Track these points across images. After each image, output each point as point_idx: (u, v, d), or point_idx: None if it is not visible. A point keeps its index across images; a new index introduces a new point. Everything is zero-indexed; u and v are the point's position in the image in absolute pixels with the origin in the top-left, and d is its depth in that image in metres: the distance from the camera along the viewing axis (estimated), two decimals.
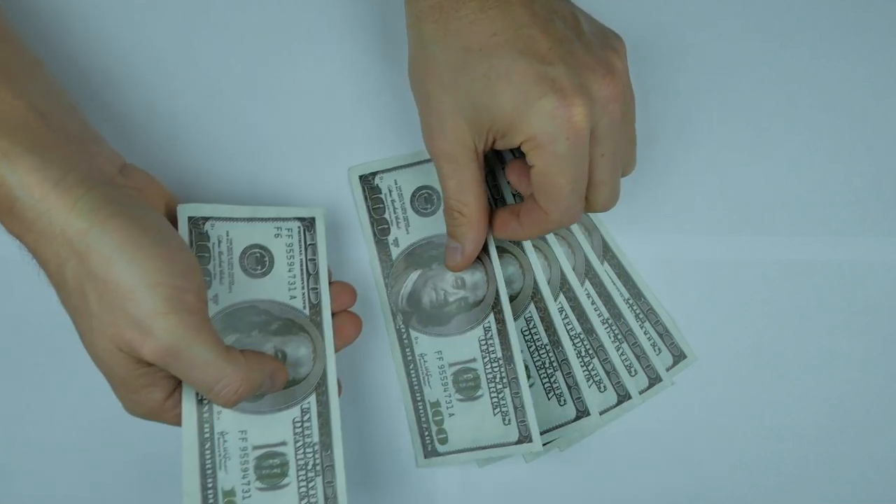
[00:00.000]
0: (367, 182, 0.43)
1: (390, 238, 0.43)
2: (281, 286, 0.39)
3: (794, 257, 0.45)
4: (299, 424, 0.37)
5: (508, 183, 0.42)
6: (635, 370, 0.44)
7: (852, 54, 0.46)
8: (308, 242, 0.40)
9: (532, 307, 0.43)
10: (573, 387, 0.43)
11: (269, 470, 0.37)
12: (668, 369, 0.44)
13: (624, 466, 0.44)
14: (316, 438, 0.37)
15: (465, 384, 0.41)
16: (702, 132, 0.45)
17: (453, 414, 0.41)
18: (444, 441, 0.41)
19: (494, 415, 0.41)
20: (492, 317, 0.41)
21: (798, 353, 0.45)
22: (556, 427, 0.43)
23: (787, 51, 0.46)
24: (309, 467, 0.37)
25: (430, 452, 0.41)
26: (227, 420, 0.36)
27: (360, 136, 0.44)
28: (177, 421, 0.36)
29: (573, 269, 0.44)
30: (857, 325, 0.45)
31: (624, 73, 0.35)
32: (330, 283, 0.39)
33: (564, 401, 0.43)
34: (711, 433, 0.44)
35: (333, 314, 0.39)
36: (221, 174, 0.43)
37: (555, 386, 0.43)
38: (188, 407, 0.36)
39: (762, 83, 0.45)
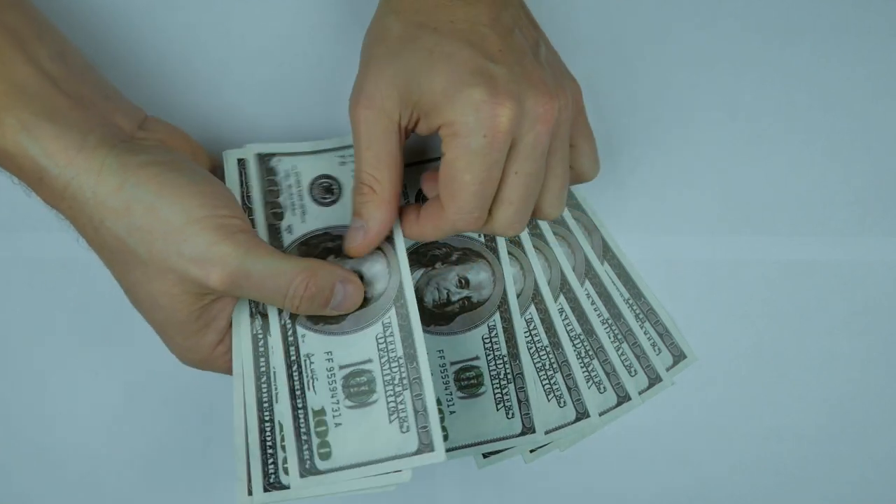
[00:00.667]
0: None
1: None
2: (350, 212, 0.38)
3: (794, 257, 0.45)
4: (382, 340, 0.37)
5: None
6: (635, 370, 0.44)
7: (852, 54, 0.46)
8: None
9: (532, 308, 0.43)
10: (573, 388, 0.43)
11: (357, 388, 0.37)
12: (668, 369, 0.44)
13: (624, 466, 0.44)
14: (400, 352, 0.37)
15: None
16: (702, 132, 0.45)
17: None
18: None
19: (497, 410, 0.41)
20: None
21: (798, 353, 0.45)
22: (556, 428, 0.43)
23: (787, 51, 0.45)
24: (396, 381, 0.37)
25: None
26: (311, 342, 0.37)
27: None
28: (227, 367, 0.37)
29: (573, 270, 0.44)
30: (857, 325, 0.45)
31: (565, 106, 0.34)
32: None
33: (564, 402, 0.43)
34: (711, 433, 0.44)
35: None
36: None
37: (555, 387, 0.43)
38: (275, 328, 0.37)
39: (762, 83, 0.45)
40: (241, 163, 0.40)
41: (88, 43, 0.42)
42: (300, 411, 0.36)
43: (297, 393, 0.36)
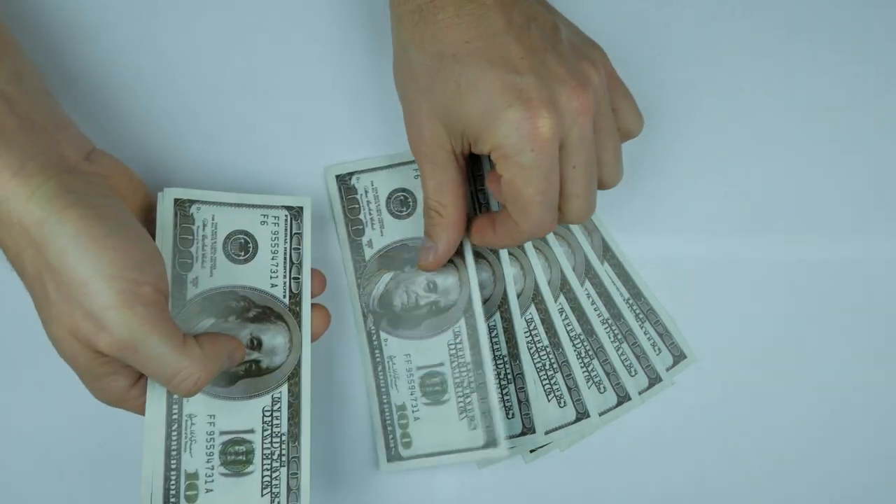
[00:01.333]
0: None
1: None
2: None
3: (794, 257, 0.45)
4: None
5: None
6: (635, 370, 0.44)
7: (852, 54, 0.46)
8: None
9: (533, 308, 0.43)
10: (573, 388, 0.43)
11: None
12: (668, 369, 0.44)
13: (624, 466, 0.44)
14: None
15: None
16: (702, 132, 0.45)
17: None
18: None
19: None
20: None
21: (798, 353, 0.45)
22: (557, 429, 0.43)
23: (788, 51, 0.45)
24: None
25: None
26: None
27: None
28: (141, 409, 0.36)
29: (573, 270, 0.44)
30: (857, 325, 0.45)
31: (599, 85, 0.35)
32: None
33: (564, 402, 0.43)
34: (711, 433, 0.44)
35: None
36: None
37: (555, 388, 0.43)
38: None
39: (762, 82, 0.45)
40: (178, 203, 0.38)
41: (49, 67, 0.42)
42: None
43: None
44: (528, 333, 0.43)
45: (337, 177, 0.43)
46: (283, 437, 0.37)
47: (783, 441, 0.44)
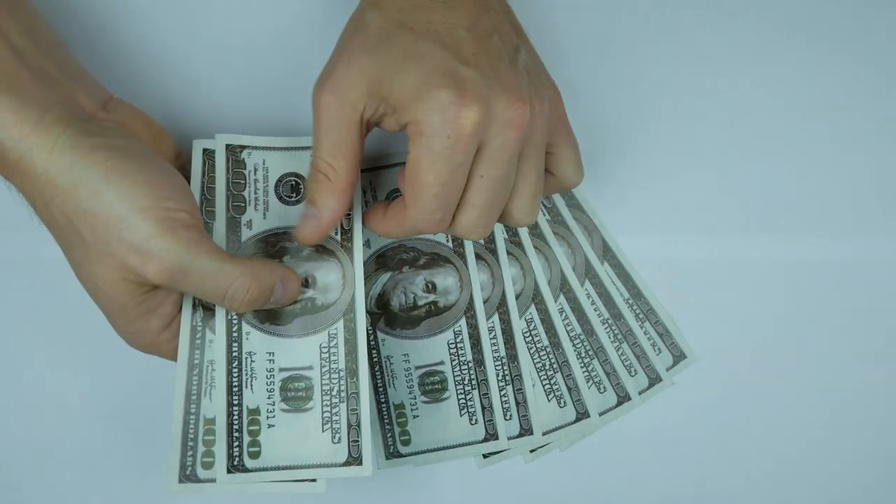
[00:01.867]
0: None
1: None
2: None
3: (794, 257, 0.45)
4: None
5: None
6: (635, 370, 0.44)
7: (852, 54, 0.46)
8: None
9: (533, 308, 0.43)
10: (573, 388, 0.43)
11: (295, 392, 0.37)
12: (668, 369, 0.44)
13: (624, 466, 0.44)
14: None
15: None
16: (702, 132, 0.45)
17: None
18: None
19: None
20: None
21: (798, 352, 0.45)
22: (556, 429, 0.43)
23: (787, 50, 0.45)
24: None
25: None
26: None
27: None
28: (172, 354, 0.36)
29: (573, 270, 0.44)
30: (857, 325, 0.45)
31: (539, 114, 0.34)
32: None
33: (564, 402, 0.43)
34: (711, 433, 0.44)
35: None
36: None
37: (555, 388, 0.43)
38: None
39: (762, 82, 0.45)
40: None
41: (64, 21, 0.42)
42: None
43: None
44: (527, 333, 0.43)
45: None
46: (342, 374, 0.37)
47: (783, 441, 0.44)
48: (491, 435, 0.41)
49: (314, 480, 0.36)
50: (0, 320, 0.43)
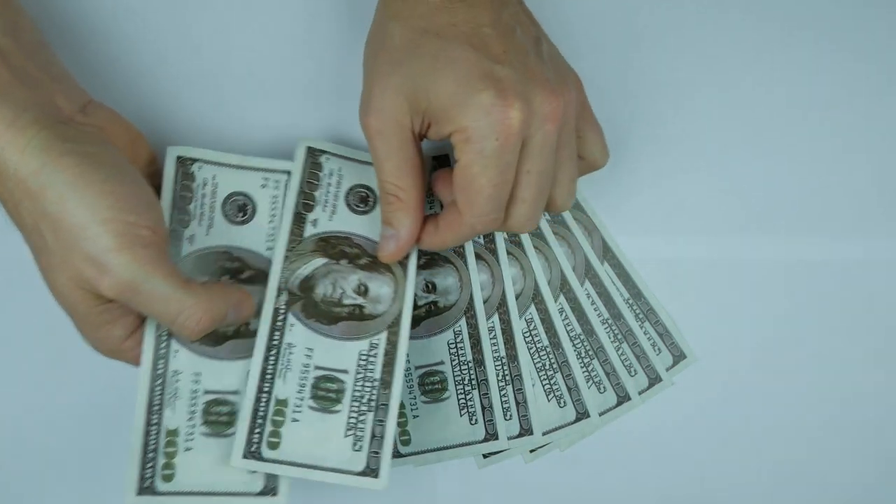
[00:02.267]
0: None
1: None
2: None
3: (794, 257, 0.45)
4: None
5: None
6: (635, 370, 0.44)
7: (853, 54, 0.46)
8: None
9: (533, 308, 0.43)
10: (573, 388, 0.43)
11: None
12: (668, 369, 0.44)
13: (624, 466, 0.44)
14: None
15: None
16: (702, 131, 0.45)
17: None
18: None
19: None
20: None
21: (798, 352, 0.45)
22: (556, 429, 0.43)
23: (788, 50, 0.45)
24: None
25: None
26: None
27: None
28: (137, 360, 0.36)
29: (573, 270, 0.44)
30: (857, 325, 0.45)
31: (570, 102, 0.35)
32: None
33: (564, 402, 0.43)
34: (711, 433, 0.44)
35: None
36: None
37: (555, 388, 0.43)
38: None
39: (762, 82, 0.45)
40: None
41: (51, 20, 0.42)
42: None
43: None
44: (527, 333, 0.43)
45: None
46: (375, 383, 0.37)
47: (783, 441, 0.44)
48: (491, 435, 0.41)
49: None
50: (0, 320, 0.43)
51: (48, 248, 0.32)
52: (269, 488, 0.36)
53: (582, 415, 0.43)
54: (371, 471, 0.37)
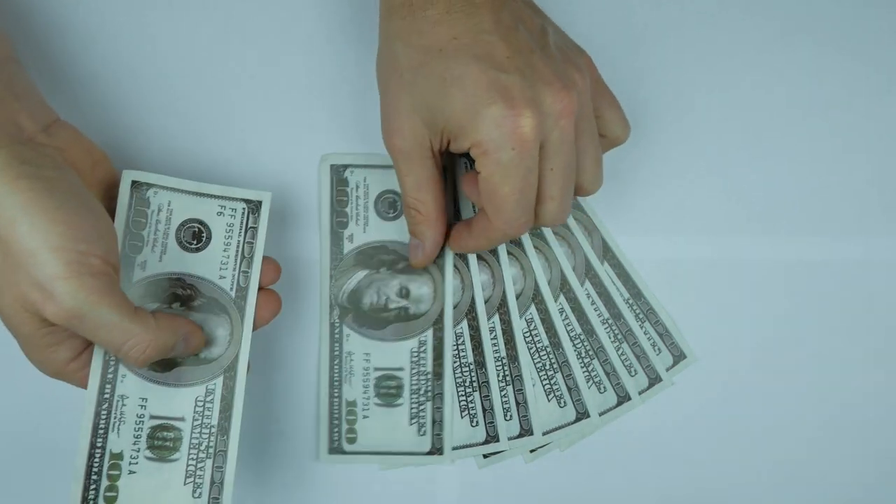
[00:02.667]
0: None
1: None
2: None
3: (794, 257, 0.45)
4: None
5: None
6: (635, 370, 0.44)
7: (853, 54, 0.46)
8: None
9: (533, 308, 0.43)
10: (573, 388, 0.43)
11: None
12: (668, 369, 0.44)
13: (624, 466, 0.44)
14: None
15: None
16: (702, 132, 0.45)
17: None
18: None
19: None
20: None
21: (798, 352, 0.45)
22: (557, 429, 0.43)
23: (788, 50, 0.45)
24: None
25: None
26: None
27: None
28: (82, 382, 0.36)
29: (573, 270, 0.44)
30: (857, 325, 0.45)
31: (583, 89, 0.35)
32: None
33: (564, 402, 0.43)
34: (711, 433, 0.44)
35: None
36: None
37: (555, 388, 0.43)
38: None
39: (762, 82, 0.45)
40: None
41: (24, 37, 0.42)
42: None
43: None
44: (528, 333, 0.43)
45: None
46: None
47: (783, 441, 0.44)
48: (492, 437, 0.41)
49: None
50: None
51: None
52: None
53: (582, 415, 0.43)
54: (437, 450, 0.42)
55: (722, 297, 0.45)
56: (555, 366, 0.43)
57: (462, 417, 0.42)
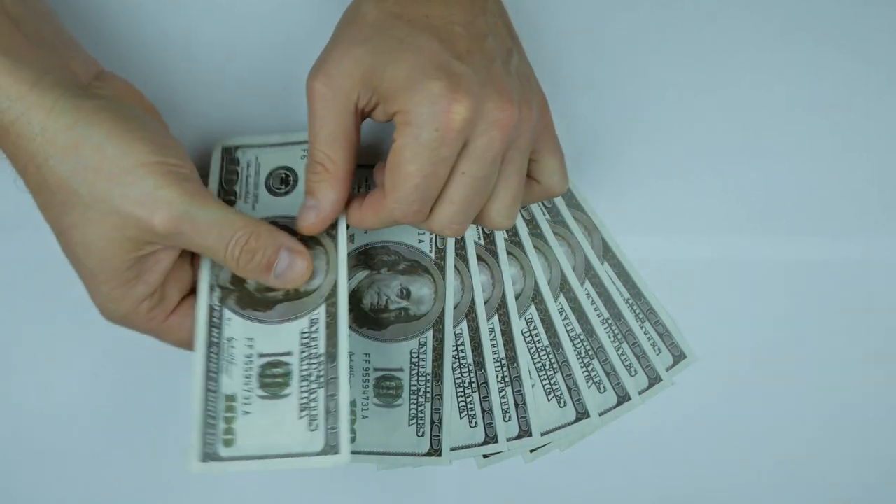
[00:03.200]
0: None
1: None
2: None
3: (794, 257, 0.45)
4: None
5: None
6: (635, 370, 0.44)
7: (853, 54, 0.46)
8: None
9: (533, 308, 0.43)
10: (573, 388, 0.43)
11: (272, 378, 0.36)
12: (668, 369, 0.44)
13: (624, 466, 0.44)
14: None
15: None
16: (702, 131, 0.45)
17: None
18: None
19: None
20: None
21: (798, 352, 0.45)
22: (556, 429, 0.43)
23: (788, 50, 0.45)
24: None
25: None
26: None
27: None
28: (149, 328, 0.36)
29: (573, 270, 0.44)
30: (857, 325, 0.45)
31: (526, 119, 0.34)
32: None
33: (564, 402, 0.43)
34: (711, 433, 0.44)
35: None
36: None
37: (555, 388, 0.43)
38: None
39: (762, 83, 0.45)
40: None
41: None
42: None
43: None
44: (527, 333, 0.43)
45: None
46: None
47: (783, 441, 0.44)
48: (490, 438, 0.41)
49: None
50: (1, 320, 0.43)
51: (82, 203, 0.32)
52: (330, 446, 0.35)
53: (582, 415, 0.43)
54: (435, 451, 0.41)
55: (722, 297, 0.45)
56: (555, 366, 0.43)
57: (461, 418, 0.42)
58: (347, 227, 0.38)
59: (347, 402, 0.36)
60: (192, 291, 0.37)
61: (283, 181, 0.40)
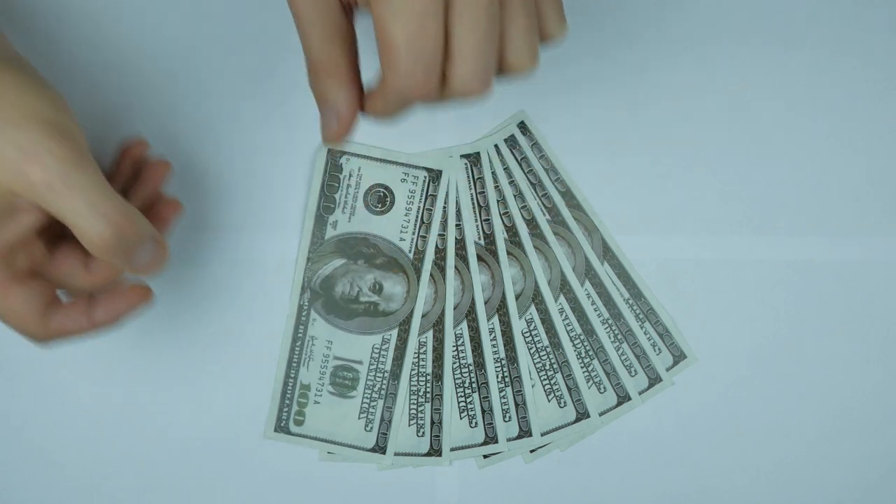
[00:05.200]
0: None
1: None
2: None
3: (794, 257, 0.45)
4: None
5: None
6: (635, 370, 0.44)
7: (853, 54, 0.46)
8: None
9: (533, 308, 0.43)
10: (573, 388, 0.43)
11: (342, 380, 0.42)
12: (668, 369, 0.44)
13: (624, 466, 0.44)
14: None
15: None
16: (701, 132, 0.45)
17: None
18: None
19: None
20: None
21: (798, 353, 0.45)
22: (556, 429, 0.43)
23: (788, 50, 0.45)
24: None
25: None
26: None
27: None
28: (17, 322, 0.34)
29: (573, 270, 0.44)
30: (857, 325, 0.45)
31: None
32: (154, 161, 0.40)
33: (564, 403, 0.43)
34: (711, 433, 0.44)
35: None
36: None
37: (555, 388, 0.43)
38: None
39: (762, 83, 0.45)
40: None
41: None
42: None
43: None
44: (528, 333, 0.43)
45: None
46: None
47: (783, 441, 0.44)
48: (490, 438, 0.42)
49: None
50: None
51: None
52: (379, 447, 0.42)
53: (582, 415, 0.43)
54: (435, 451, 0.43)
55: (722, 297, 0.45)
56: (555, 366, 0.43)
57: (461, 418, 0.42)
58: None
59: (401, 415, 0.42)
60: (45, 285, 0.35)
61: (380, 200, 0.43)
